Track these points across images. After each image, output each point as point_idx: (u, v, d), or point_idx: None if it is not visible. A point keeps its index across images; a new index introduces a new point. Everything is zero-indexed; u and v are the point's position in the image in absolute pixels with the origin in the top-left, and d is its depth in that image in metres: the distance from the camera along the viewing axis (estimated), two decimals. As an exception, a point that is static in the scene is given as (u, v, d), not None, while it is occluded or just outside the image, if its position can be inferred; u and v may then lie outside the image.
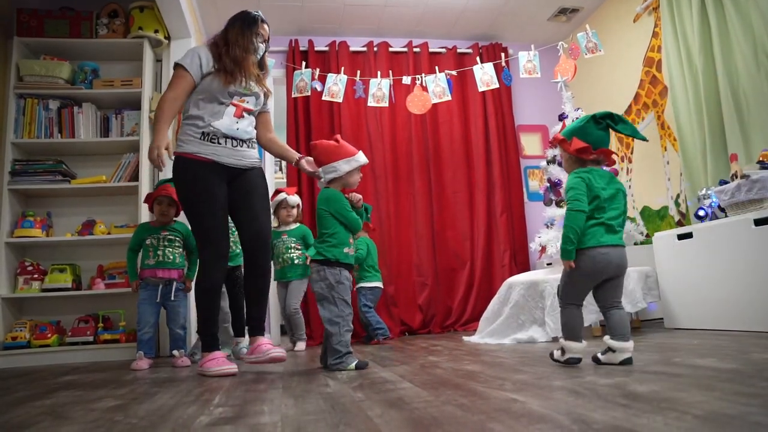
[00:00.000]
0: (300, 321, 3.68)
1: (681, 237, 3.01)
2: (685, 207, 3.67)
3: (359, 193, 2.43)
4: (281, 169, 6.03)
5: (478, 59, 4.58)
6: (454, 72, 4.50)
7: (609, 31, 4.44)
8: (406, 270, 4.48)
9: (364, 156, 2.39)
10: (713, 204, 3.00)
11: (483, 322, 3.33)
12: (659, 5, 3.83)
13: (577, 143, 1.92)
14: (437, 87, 4.27)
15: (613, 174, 2.03)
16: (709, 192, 3.06)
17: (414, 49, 4.86)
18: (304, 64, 4.35)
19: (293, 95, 4.29)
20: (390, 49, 4.83)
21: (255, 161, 2.55)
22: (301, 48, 4.70)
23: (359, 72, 4.34)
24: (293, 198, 3.77)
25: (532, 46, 4.23)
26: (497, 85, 4.31)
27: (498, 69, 4.36)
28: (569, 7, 4.62)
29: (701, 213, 3.04)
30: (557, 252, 3.37)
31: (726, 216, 2.85)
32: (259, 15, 2.54)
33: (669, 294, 3.09)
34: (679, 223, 3.77)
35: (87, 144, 3.75)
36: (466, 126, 4.87)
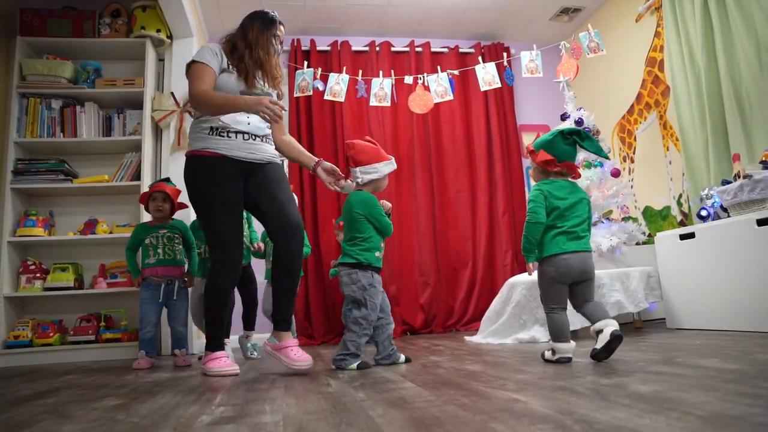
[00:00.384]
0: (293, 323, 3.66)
1: (683, 237, 3.00)
2: (688, 207, 3.66)
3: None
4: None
5: (480, 59, 4.57)
6: (456, 72, 4.49)
7: (611, 31, 4.43)
8: (408, 270, 4.48)
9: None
10: (716, 204, 2.99)
11: (485, 321, 3.32)
12: (661, 5, 3.82)
13: (544, 155, 2.05)
14: (439, 86, 4.26)
15: (576, 184, 2.11)
16: (712, 192, 3.05)
17: (416, 49, 4.85)
18: (306, 63, 4.35)
19: (295, 95, 4.29)
20: (392, 49, 4.82)
21: (272, 156, 2.39)
22: (303, 48, 4.70)
23: (361, 71, 4.34)
24: None
25: (534, 45, 4.22)
26: (499, 85, 4.31)
27: (500, 68, 4.35)
28: (571, 7, 4.62)
29: (704, 213, 3.03)
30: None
31: (728, 216, 2.85)
32: (276, 16, 2.44)
33: (671, 294, 3.08)
34: (682, 223, 3.76)
35: (89, 143, 3.75)
36: (468, 126, 4.87)
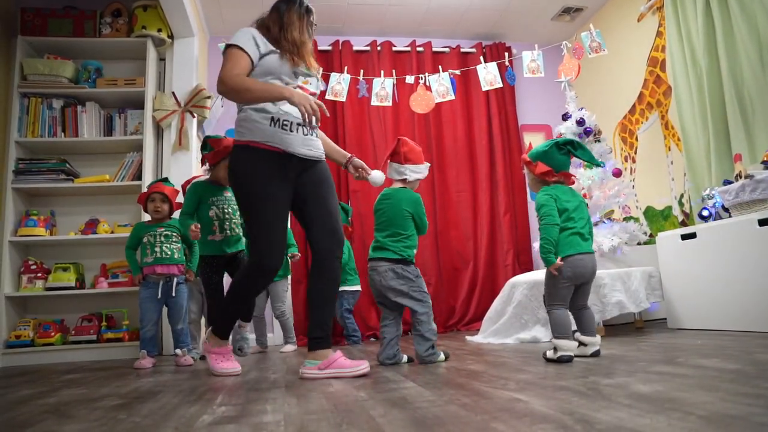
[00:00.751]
0: (288, 323, 3.63)
1: (685, 237, 3.00)
2: (689, 207, 3.66)
3: (360, 193, 2.44)
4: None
5: (481, 59, 4.57)
6: (457, 71, 4.49)
7: (613, 31, 4.42)
8: (408, 269, 4.47)
9: None
10: (717, 204, 2.98)
11: (486, 321, 3.32)
12: (663, 5, 3.82)
13: (542, 167, 2.13)
14: (441, 86, 4.26)
15: (573, 189, 2.19)
16: (713, 192, 3.05)
17: (417, 49, 4.85)
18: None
19: (296, 94, 4.29)
20: (393, 49, 4.82)
21: (322, 153, 2.25)
22: (304, 47, 4.70)
23: (362, 71, 4.34)
24: None
25: (535, 45, 4.22)
26: (501, 85, 4.30)
27: (501, 68, 4.35)
28: (573, 7, 4.61)
29: (705, 213, 3.02)
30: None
31: (730, 216, 2.84)
32: (309, 5, 2.28)
33: (672, 294, 3.08)
34: (683, 223, 3.76)
35: (90, 143, 3.75)
36: (469, 125, 4.87)
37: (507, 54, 4.65)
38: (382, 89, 4.25)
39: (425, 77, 4.31)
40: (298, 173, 2.13)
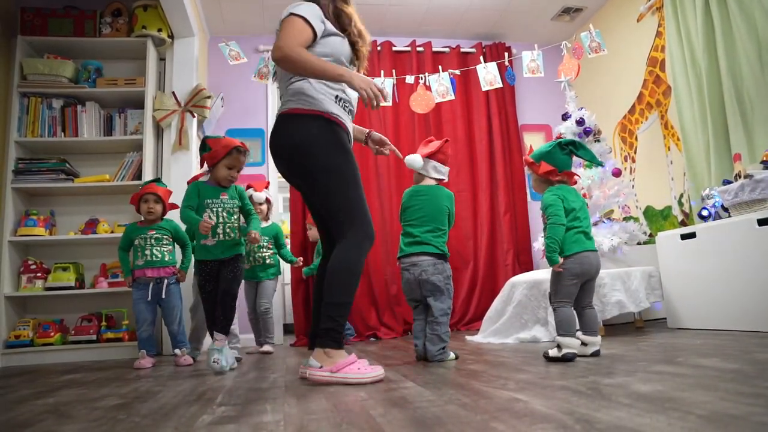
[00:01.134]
0: (270, 322, 3.59)
1: (684, 237, 3.00)
2: (689, 207, 3.66)
3: (365, 194, 2.44)
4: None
5: (481, 59, 4.57)
6: (457, 71, 4.49)
7: (612, 31, 4.43)
8: (408, 269, 4.47)
9: None
10: (717, 204, 2.99)
11: (486, 321, 3.32)
12: (663, 5, 3.82)
13: (545, 167, 2.18)
14: (441, 86, 4.26)
15: (576, 191, 2.24)
16: (713, 192, 3.05)
17: (417, 49, 4.85)
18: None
19: (296, 94, 4.29)
20: (393, 49, 4.82)
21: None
22: (304, 47, 4.70)
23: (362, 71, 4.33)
24: (259, 194, 3.63)
25: (535, 45, 4.22)
26: (501, 85, 4.30)
27: (501, 68, 4.35)
28: (573, 7, 4.61)
29: (704, 213, 3.03)
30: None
31: (729, 216, 2.84)
32: None
33: (672, 294, 3.08)
34: (683, 223, 3.76)
35: (90, 143, 3.75)
36: (469, 125, 4.87)
37: (507, 54, 4.65)
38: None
39: (425, 77, 4.32)
40: None
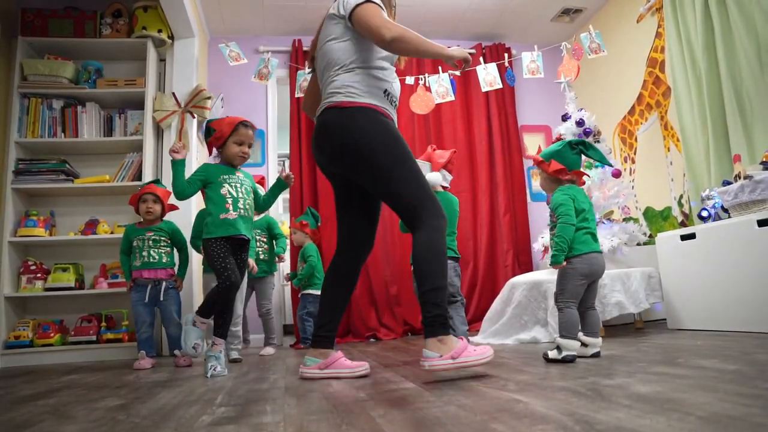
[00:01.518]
0: (272, 323, 3.56)
1: (684, 238, 3.00)
2: (689, 208, 3.66)
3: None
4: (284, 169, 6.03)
5: (481, 59, 4.57)
6: (457, 72, 4.49)
7: (612, 32, 4.43)
8: (409, 270, 4.46)
9: None
10: (716, 205, 2.99)
11: (486, 322, 3.32)
12: (662, 6, 3.82)
13: (555, 165, 2.18)
14: (440, 87, 4.26)
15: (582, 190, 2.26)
16: (712, 193, 3.05)
17: (417, 49, 4.84)
18: (307, 64, 4.35)
19: (296, 95, 4.29)
20: (393, 49, 4.82)
21: None
22: (305, 48, 4.69)
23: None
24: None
25: (535, 46, 4.22)
26: (500, 86, 4.31)
27: (501, 69, 4.35)
28: (572, 8, 4.62)
29: (704, 214, 3.03)
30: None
31: (729, 217, 2.84)
32: None
33: (672, 295, 3.08)
34: (683, 224, 3.76)
35: (90, 143, 3.75)
36: (469, 126, 4.87)
37: (507, 55, 4.66)
38: (381, 90, 4.24)
39: (425, 78, 4.32)
40: None
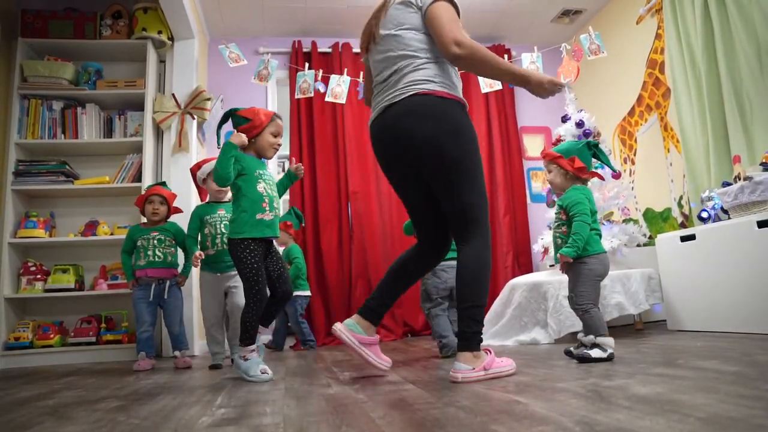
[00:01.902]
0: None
1: (684, 239, 3.00)
2: (688, 209, 3.66)
3: (359, 194, 2.46)
4: (284, 170, 6.03)
5: (480, 61, 4.56)
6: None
7: (612, 33, 4.43)
8: (408, 271, 4.47)
9: None
10: (716, 206, 2.99)
11: (486, 323, 3.31)
12: (662, 7, 3.83)
13: (579, 163, 2.19)
14: (440, 88, 4.26)
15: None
16: (712, 194, 3.05)
17: (417, 51, 4.84)
18: (307, 65, 4.35)
19: (296, 96, 4.28)
20: (393, 51, 4.82)
21: None
22: (305, 49, 4.70)
23: (362, 73, 4.33)
24: None
25: (535, 47, 4.22)
26: (500, 87, 4.30)
27: (501, 70, 4.34)
28: (572, 9, 4.62)
29: (704, 215, 3.03)
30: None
31: (729, 218, 2.84)
32: None
33: (672, 296, 3.08)
34: (682, 225, 3.76)
35: (90, 145, 3.75)
36: (468, 127, 4.86)
37: (506, 56, 4.66)
38: (381, 91, 4.24)
39: (425, 79, 4.31)
40: None
